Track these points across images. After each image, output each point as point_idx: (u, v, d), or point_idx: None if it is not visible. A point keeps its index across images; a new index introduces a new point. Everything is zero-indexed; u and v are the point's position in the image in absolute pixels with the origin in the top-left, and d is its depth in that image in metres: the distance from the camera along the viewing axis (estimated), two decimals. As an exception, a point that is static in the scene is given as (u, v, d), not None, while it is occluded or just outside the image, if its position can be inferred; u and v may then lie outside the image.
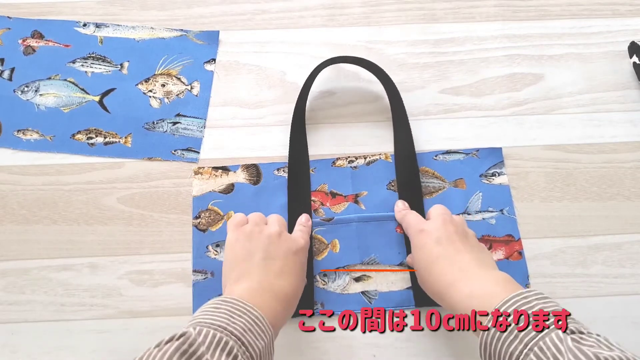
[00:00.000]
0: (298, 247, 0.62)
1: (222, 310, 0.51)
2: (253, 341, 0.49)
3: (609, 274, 0.69)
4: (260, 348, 0.50)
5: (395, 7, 0.85)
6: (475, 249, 0.60)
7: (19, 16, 0.83)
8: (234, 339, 0.48)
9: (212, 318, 0.50)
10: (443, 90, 0.79)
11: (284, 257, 0.60)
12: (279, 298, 0.57)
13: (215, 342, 0.47)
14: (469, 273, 0.56)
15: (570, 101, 0.78)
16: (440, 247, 0.59)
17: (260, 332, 0.51)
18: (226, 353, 0.47)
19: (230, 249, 0.62)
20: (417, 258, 0.61)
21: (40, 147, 0.75)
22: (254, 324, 0.51)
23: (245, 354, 0.48)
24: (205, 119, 0.77)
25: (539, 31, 0.83)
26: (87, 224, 0.71)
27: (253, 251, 0.60)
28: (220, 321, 0.49)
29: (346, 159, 0.74)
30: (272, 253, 0.60)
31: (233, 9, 0.85)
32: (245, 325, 0.50)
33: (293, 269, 0.60)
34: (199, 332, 0.47)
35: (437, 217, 0.63)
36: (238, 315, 0.51)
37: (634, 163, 0.75)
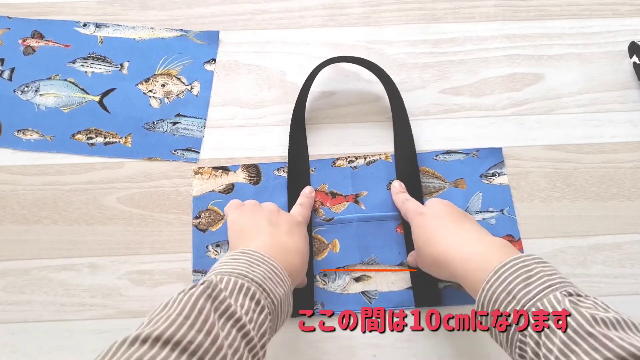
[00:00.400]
0: (298, 221, 0.64)
1: (241, 261, 0.52)
2: (274, 288, 0.51)
3: (609, 274, 0.69)
4: (281, 295, 0.51)
5: (395, 7, 0.85)
6: (474, 223, 0.61)
7: (19, 16, 0.83)
8: (255, 285, 0.49)
9: (232, 267, 0.51)
10: (443, 90, 0.79)
11: (287, 223, 0.62)
12: (292, 252, 0.59)
13: (238, 287, 0.48)
14: (467, 238, 0.57)
15: (570, 101, 0.78)
16: (439, 221, 0.60)
17: (279, 281, 0.52)
18: (249, 297, 0.48)
19: (235, 223, 0.63)
20: (416, 235, 0.62)
21: (40, 147, 0.75)
22: (272, 273, 0.52)
23: (268, 299, 0.49)
24: (205, 119, 0.77)
25: (539, 31, 0.83)
26: (87, 224, 0.71)
27: (257, 220, 0.62)
28: (240, 269, 0.50)
29: (346, 159, 0.74)
30: (275, 221, 0.62)
31: (233, 9, 0.85)
32: (264, 273, 0.51)
33: (298, 234, 0.62)
34: (220, 279, 0.48)
35: (435, 201, 0.65)
36: (257, 264, 0.52)
37: (634, 163, 0.75)
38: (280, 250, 0.57)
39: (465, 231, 0.59)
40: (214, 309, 0.45)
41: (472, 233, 0.58)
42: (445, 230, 0.59)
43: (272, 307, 0.50)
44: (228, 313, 0.45)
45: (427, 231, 0.60)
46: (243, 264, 0.51)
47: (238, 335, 0.45)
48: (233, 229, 0.62)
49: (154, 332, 0.41)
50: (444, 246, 0.57)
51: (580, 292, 0.47)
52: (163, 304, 0.45)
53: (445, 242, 0.57)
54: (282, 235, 0.60)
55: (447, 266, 0.56)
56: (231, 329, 0.45)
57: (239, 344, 0.44)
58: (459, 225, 0.60)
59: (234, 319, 0.45)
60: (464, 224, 0.60)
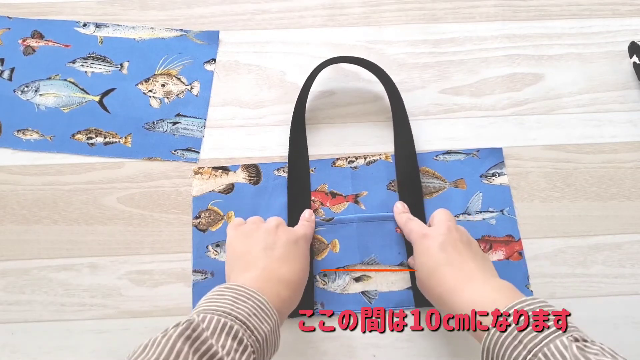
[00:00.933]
0: (298, 236, 0.63)
1: (226, 297, 0.51)
2: (258, 325, 0.50)
3: (609, 274, 0.69)
4: (266, 332, 0.50)
5: (395, 7, 0.85)
6: (478, 257, 0.60)
7: (19, 16, 0.83)
8: (239, 323, 0.48)
9: (216, 305, 0.50)
10: (443, 90, 0.79)
11: (284, 245, 0.61)
12: (283, 283, 0.57)
13: (220, 326, 0.47)
14: (472, 280, 0.56)
15: (570, 101, 0.78)
16: (445, 254, 0.59)
17: (265, 317, 0.51)
18: (231, 337, 0.47)
19: (230, 247, 0.63)
20: (420, 262, 0.61)
21: (40, 147, 0.75)
22: (258, 309, 0.51)
23: (251, 337, 0.49)
24: (205, 119, 0.77)
25: (539, 31, 0.83)
26: (87, 224, 0.71)
27: (252, 244, 0.61)
28: (224, 307, 0.50)
29: (346, 159, 0.74)
30: (271, 243, 0.61)
31: (233, 9, 0.85)
32: (249, 309, 0.50)
33: (295, 257, 0.61)
34: (202, 318, 0.48)
35: (441, 223, 0.63)
36: (242, 300, 0.51)
37: (634, 163, 0.75)
38: (269, 283, 0.56)
39: (470, 270, 0.57)
40: (193, 351, 0.45)
41: (478, 272, 0.57)
42: (450, 267, 0.58)
43: (256, 345, 0.49)
44: (209, 354, 0.45)
45: (431, 263, 0.59)
46: (228, 301, 0.51)
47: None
48: (229, 253, 0.63)
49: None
50: (448, 286, 0.56)
51: (587, 338, 0.47)
52: (142, 346, 0.45)
53: (449, 282, 0.56)
54: (276, 262, 0.59)
55: (450, 306, 0.56)
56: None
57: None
58: (465, 261, 0.58)
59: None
60: (469, 260, 0.59)
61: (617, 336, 0.66)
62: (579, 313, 0.66)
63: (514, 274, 0.68)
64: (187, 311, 0.66)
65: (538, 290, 0.67)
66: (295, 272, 0.60)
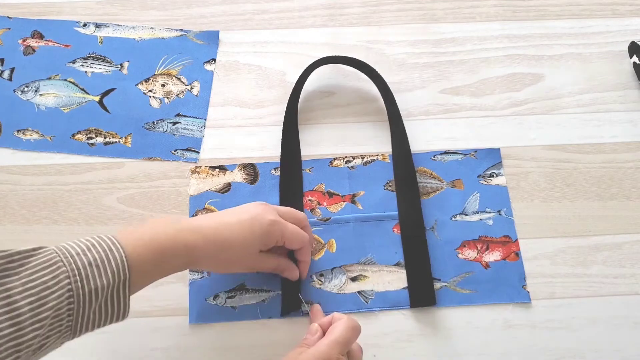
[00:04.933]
0: (259, 215, 0.60)
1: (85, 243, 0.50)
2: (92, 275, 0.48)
3: (609, 274, 0.69)
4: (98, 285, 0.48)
5: (395, 7, 0.85)
6: None
7: (19, 16, 0.83)
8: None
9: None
10: (443, 90, 0.79)
11: (236, 216, 0.60)
12: (203, 233, 0.56)
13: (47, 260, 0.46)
14: None
15: (570, 101, 0.78)
16: None
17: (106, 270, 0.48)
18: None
19: None
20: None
21: (40, 147, 0.75)
22: (104, 260, 0.49)
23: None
24: (205, 119, 0.77)
25: (539, 31, 0.83)
26: (87, 224, 0.71)
27: (217, 212, 0.63)
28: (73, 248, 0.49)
29: (343, 159, 0.74)
30: (231, 213, 0.61)
31: (233, 9, 0.85)
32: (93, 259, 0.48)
33: (235, 222, 0.59)
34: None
35: (331, 341, 0.55)
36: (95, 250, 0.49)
37: (634, 163, 0.74)
38: (184, 230, 0.55)
39: None
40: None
41: None
42: None
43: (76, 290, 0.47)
44: None
45: None
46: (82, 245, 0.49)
47: None
48: None
49: None
50: None
51: None
52: None
53: None
54: (209, 219, 0.59)
55: None
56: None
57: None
58: None
59: None
60: None
61: (617, 336, 0.65)
62: (579, 313, 0.66)
63: (511, 274, 0.68)
64: (186, 311, 0.66)
65: (538, 290, 0.67)
66: (227, 229, 0.58)
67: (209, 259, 0.59)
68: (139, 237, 0.53)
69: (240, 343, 0.65)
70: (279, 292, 0.67)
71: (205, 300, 0.67)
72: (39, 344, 0.45)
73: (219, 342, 0.65)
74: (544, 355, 0.64)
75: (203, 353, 0.64)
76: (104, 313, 0.50)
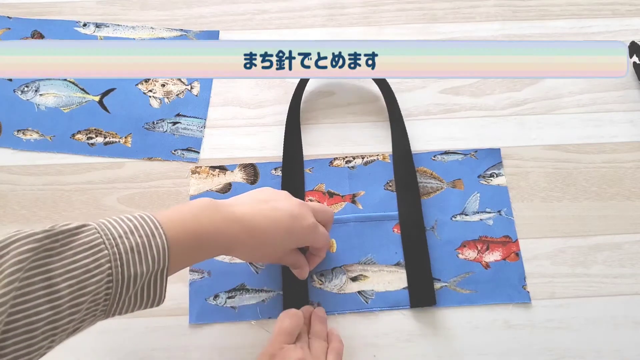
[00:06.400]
0: (303, 217, 0.60)
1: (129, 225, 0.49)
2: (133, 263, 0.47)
3: (609, 274, 0.69)
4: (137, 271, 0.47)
5: (395, 7, 0.85)
6: None
7: (19, 16, 0.83)
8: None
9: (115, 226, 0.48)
10: (443, 90, 0.79)
11: (281, 209, 0.59)
12: (243, 223, 0.56)
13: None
14: None
15: (570, 101, 0.78)
16: None
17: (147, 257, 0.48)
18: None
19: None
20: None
21: (40, 147, 0.75)
22: (146, 247, 0.48)
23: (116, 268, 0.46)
24: (205, 119, 0.77)
25: (539, 31, 0.83)
26: (87, 224, 0.71)
27: (257, 195, 0.61)
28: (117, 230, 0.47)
29: (344, 159, 0.74)
30: (274, 201, 0.60)
31: (233, 9, 0.85)
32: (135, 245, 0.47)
33: (277, 217, 0.58)
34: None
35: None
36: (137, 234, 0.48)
37: (634, 163, 0.74)
38: (217, 216, 0.54)
39: None
40: None
41: None
42: None
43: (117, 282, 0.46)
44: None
45: None
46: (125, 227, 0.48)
47: None
48: None
49: None
50: None
51: None
52: None
53: None
54: (249, 205, 0.58)
55: None
56: None
57: None
58: None
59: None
60: None
61: (617, 336, 0.65)
62: (579, 313, 0.66)
63: (511, 275, 0.68)
64: (186, 311, 0.66)
65: (538, 290, 0.67)
66: (265, 218, 0.57)
67: (246, 251, 0.59)
68: (182, 224, 0.51)
69: (240, 343, 0.65)
70: (279, 292, 0.67)
71: (205, 300, 0.67)
72: (74, 328, 0.45)
73: (219, 342, 0.65)
74: (544, 355, 0.64)
75: (203, 353, 0.64)
76: (140, 299, 0.50)
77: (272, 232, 0.58)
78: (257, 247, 0.59)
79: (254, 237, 0.57)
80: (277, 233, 0.58)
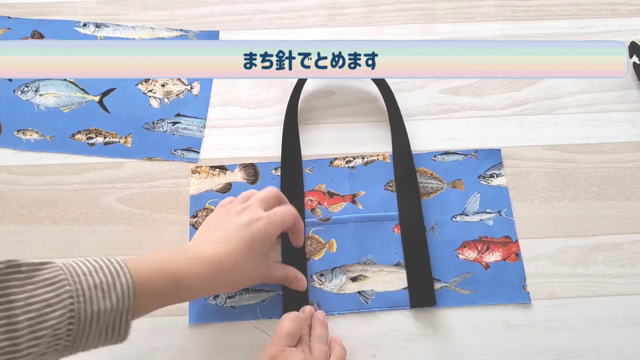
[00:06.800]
0: (253, 220, 0.60)
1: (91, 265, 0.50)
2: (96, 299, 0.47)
3: (609, 274, 0.69)
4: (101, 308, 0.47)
5: (395, 7, 0.85)
6: None
7: (19, 16, 0.83)
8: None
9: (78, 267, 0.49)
10: (443, 90, 0.79)
11: (230, 229, 0.59)
12: (204, 262, 0.56)
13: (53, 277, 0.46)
14: None
15: (570, 101, 0.78)
16: None
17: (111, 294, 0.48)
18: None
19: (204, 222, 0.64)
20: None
21: (40, 147, 0.75)
22: (110, 284, 0.48)
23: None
24: (205, 119, 0.77)
25: (539, 31, 0.83)
26: (87, 224, 0.71)
27: (207, 225, 0.62)
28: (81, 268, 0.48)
29: (344, 159, 0.74)
30: (222, 225, 0.60)
31: (233, 9, 0.85)
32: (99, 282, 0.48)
33: (235, 239, 0.58)
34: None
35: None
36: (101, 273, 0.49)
37: (634, 163, 0.74)
38: (184, 259, 0.56)
39: None
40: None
41: None
42: None
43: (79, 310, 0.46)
44: None
45: None
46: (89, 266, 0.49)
47: None
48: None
49: None
50: None
51: None
52: None
53: None
54: (208, 243, 0.58)
55: None
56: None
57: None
58: None
59: None
60: None
61: (617, 336, 0.65)
62: (579, 313, 0.66)
63: (511, 275, 0.68)
64: (186, 311, 0.66)
65: (538, 291, 0.67)
66: (226, 254, 0.57)
67: (221, 286, 0.60)
68: (148, 266, 0.53)
69: (240, 343, 0.65)
70: (279, 292, 0.67)
71: (205, 300, 0.67)
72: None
73: (219, 342, 0.65)
74: (544, 355, 0.64)
75: (203, 353, 0.64)
76: (104, 336, 0.49)
77: (233, 254, 0.58)
78: (230, 277, 0.59)
79: (220, 270, 0.57)
80: (240, 252, 0.58)
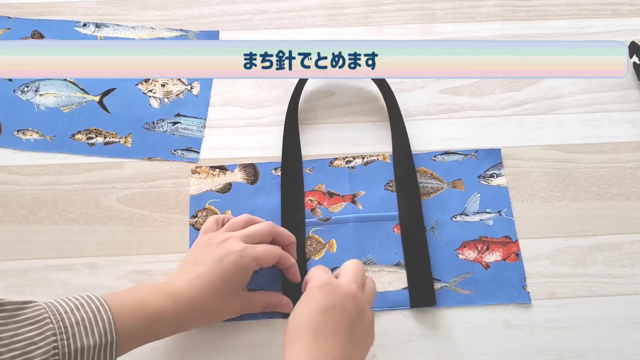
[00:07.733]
0: (226, 254, 0.59)
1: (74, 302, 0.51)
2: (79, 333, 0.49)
3: (609, 274, 0.69)
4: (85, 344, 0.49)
5: (395, 7, 0.85)
6: (352, 345, 0.53)
7: (19, 16, 0.83)
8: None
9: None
10: (443, 90, 0.79)
11: (206, 263, 0.59)
12: (177, 298, 0.57)
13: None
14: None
15: (570, 101, 0.78)
16: (320, 317, 0.52)
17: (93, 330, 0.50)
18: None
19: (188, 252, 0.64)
20: (295, 311, 0.55)
21: (40, 147, 0.75)
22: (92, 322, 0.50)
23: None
24: (205, 119, 0.77)
25: (539, 31, 0.83)
26: (87, 224, 0.71)
27: (188, 258, 0.62)
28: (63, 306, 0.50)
29: (344, 159, 0.74)
30: (199, 259, 0.60)
31: (233, 9, 0.85)
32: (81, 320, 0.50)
33: (207, 275, 0.58)
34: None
35: (348, 279, 0.56)
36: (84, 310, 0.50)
37: (634, 163, 0.74)
38: (157, 294, 0.56)
39: (327, 352, 0.50)
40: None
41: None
42: (311, 338, 0.51)
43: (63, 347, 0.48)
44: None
45: (302, 319, 0.53)
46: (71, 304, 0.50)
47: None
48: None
49: None
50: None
51: None
52: None
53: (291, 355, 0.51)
54: (181, 277, 0.59)
55: None
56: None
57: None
58: (331, 342, 0.51)
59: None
60: (340, 341, 0.51)
61: (617, 336, 0.65)
62: (579, 313, 0.66)
63: (511, 275, 0.68)
64: (186, 311, 0.66)
65: (538, 291, 0.67)
66: (196, 290, 0.58)
67: (198, 321, 0.60)
68: (126, 302, 0.54)
69: (240, 343, 0.65)
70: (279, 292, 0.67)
71: (206, 300, 0.67)
72: None
73: (219, 342, 0.65)
74: (544, 355, 0.64)
75: (203, 353, 0.64)
76: None
77: (205, 291, 0.58)
78: (204, 313, 0.59)
79: (193, 307, 0.58)
80: (212, 288, 0.58)
